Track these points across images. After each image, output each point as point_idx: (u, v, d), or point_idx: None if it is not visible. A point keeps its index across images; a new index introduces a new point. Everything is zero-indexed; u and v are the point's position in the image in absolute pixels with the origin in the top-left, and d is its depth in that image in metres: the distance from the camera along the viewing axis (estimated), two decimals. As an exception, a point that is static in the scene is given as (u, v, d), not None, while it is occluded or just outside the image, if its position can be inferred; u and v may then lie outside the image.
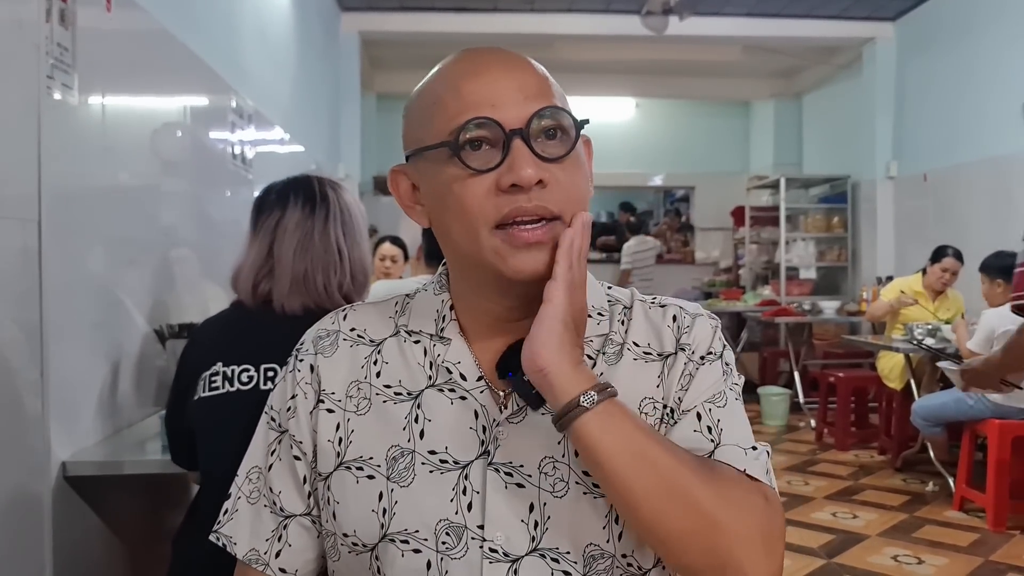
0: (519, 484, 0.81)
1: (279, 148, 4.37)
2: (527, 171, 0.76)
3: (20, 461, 1.69)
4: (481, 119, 0.78)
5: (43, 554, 1.75)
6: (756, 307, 7.29)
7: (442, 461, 0.83)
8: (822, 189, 8.13)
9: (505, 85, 0.80)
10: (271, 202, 1.69)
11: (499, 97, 0.79)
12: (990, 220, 5.67)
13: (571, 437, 0.76)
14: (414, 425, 0.85)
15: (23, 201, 1.70)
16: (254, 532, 0.91)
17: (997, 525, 3.89)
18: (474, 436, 0.83)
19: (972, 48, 5.90)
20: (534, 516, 0.81)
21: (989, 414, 4.03)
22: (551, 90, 0.82)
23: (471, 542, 0.81)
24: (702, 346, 0.89)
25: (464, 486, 0.82)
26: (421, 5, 6.56)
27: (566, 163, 0.80)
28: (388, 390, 0.87)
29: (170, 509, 2.20)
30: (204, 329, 1.74)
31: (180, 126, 2.75)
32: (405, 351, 0.88)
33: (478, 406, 0.84)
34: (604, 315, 0.90)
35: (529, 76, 0.82)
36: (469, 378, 0.85)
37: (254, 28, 3.90)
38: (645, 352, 0.88)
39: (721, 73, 8.66)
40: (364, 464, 0.85)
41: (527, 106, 0.79)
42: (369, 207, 7.71)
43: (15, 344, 1.67)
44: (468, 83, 0.80)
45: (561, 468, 0.82)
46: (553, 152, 0.79)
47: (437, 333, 0.88)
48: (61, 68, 1.84)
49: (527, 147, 0.78)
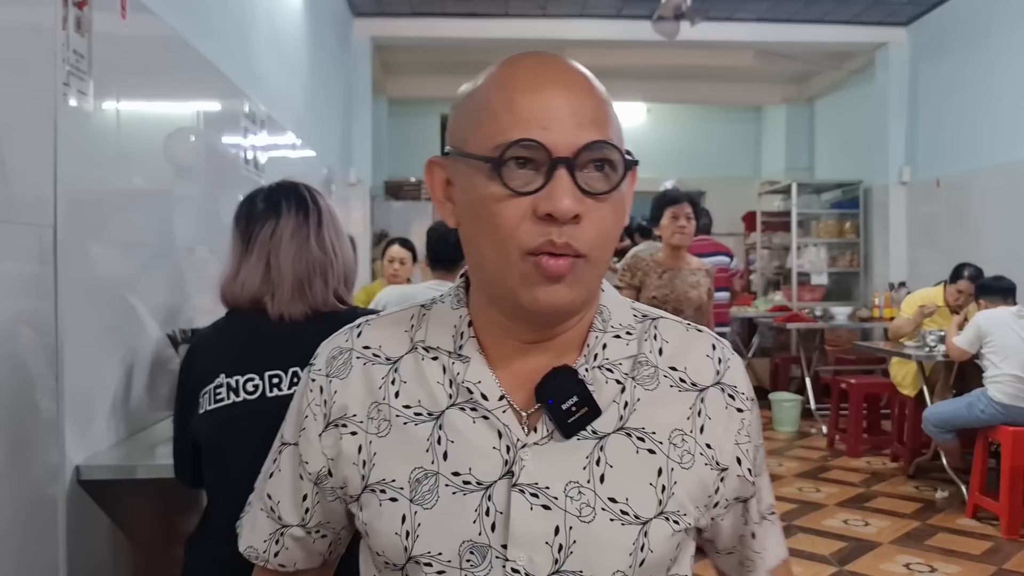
0: (545, 506, 0.80)
1: (291, 153, 4.38)
2: (565, 202, 0.74)
3: (35, 465, 1.70)
4: (529, 141, 0.75)
5: (57, 557, 1.76)
6: (768, 313, 7.26)
7: (465, 483, 0.82)
8: (834, 194, 8.10)
9: (560, 106, 0.76)
10: (261, 211, 1.66)
11: (551, 119, 0.76)
12: (1003, 226, 5.65)
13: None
14: (437, 447, 0.83)
15: (39, 206, 1.71)
16: (254, 531, 0.95)
17: (1011, 533, 3.86)
18: (498, 456, 0.82)
19: (985, 53, 5.88)
20: (559, 539, 0.80)
21: (1000, 419, 4.01)
22: (606, 118, 0.79)
23: (495, 561, 0.80)
24: (746, 389, 0.90)
25: (487, 507, 0.81)
26: (433, 10, 6.58)
27: (607, 200, 0.78)
28: (408, 411, 0.85)
29: (183, 513, 2.21)
30: (202, 342, 1.71)
31: (194, 131, 2.77)
32: (424, 369, 0.86)
33: (501, 426, 0.82)
34: (632, 334, 0.88)
35: (586, 100, 0.78)
36: (491, 398, 0.83)
37: (267, 34, 3.92)
38: (680, 379, 0.87)
39: (733, 78, 8.65)
40: (387, 487, 0.84)
41: (579, 134, 0.76)
42: (380, 211, 7.76)
43: (31, 348, 1.68)
44: (523, 97, 0.77)
45: (587, 493, 0.81)
46: (596, 187, 0.77)
47: (455, 351, 0.86)
48: (77, 74, 1.85)
49: (570, 178, 0.75)
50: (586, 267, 0.78)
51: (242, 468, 1.51)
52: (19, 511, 1.63)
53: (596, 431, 0.82)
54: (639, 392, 0.85)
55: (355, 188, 6.54)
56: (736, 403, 0.88)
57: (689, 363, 0.88)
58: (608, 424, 0.83)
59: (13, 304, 1.62)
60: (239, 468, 1.51)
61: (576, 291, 0.79)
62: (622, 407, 0.84)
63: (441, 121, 9.46)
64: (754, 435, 0.90)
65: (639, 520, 0.81)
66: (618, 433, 0.83)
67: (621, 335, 0.87)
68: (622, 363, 0.86)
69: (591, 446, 0.82)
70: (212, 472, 1.60)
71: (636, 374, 0.86)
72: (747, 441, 0.89)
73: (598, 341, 0.86)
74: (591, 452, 0.82)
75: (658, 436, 0.84)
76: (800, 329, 6.80)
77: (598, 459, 0.82)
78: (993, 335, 4.10)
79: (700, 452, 0.85)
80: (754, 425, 0.90)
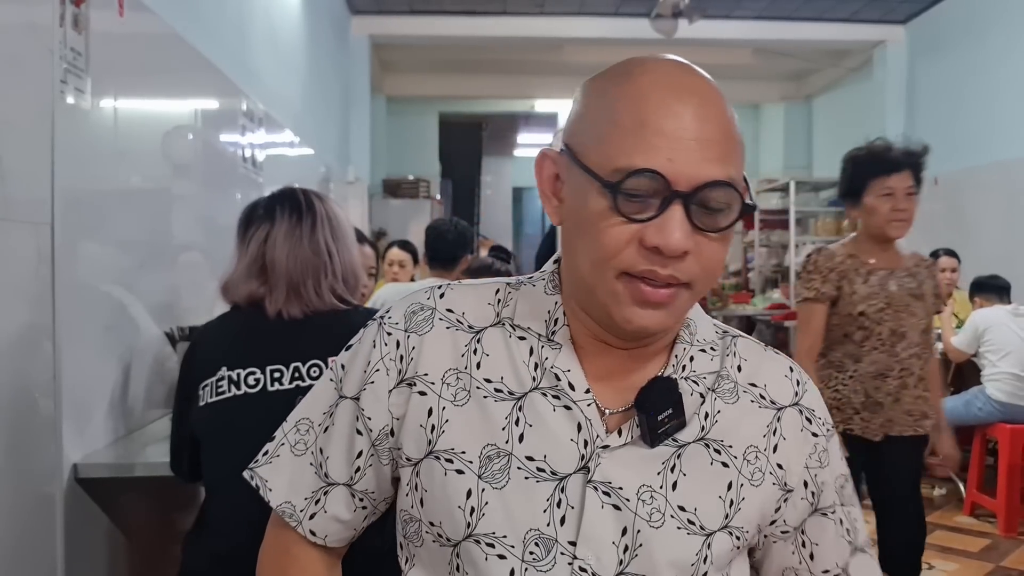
0: (616, 506, 0.80)
1: (289, 151, 4.38)
2: (675, 237, 0.72)
3: (33, 463, 1.70)
4: (651, 172, 0.72)
5: (55, 556, 1.76)
6: (766, 310, 7.27)
7: (539, 469, 0.80)
8: (832, 193, 8.09)
9: (689, 137, 0.73)
10: (259, 216, 1.71)
11: (678, 150, 0.73)
12: (1001, 224, 5.65)
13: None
14: (514, 428, 0.81)
15: (36, 204, 1.71)
16: (293, 485, 0.89)
17: (1008, 530, 3.87)
18: (574, 449, 0.80)
19: (983, 51, 5.88)
20: (626, 540, 0.79)
21: (998, 416, 4.02)
22: (734, 152, 0.76)
23: (560, 557, 0.79)
24: (824, 415, 0.90)
25: (560, 499, 0.79)
26: (431, 8, 6.57)
27: (717, 237, 0.76)
28: (489, 385, 0.83)
29: (180, 511, 2.21)
30: (205, 335, 1.74)
31: (191, 129, 2.76)
32: (511, 347, 0.85)
33: (582, 418, 0.81)
34: (716, 350, 0.88)
35: (717, 131, 0.75)
36: (577, 388, 0.82)
37: (264, 31, 3.91)
38: (761, 395, 0.87)
39: (731, 76, 8.63)
40: (455, 457, 0.82)
41: (702, 170, 0.73)
42: (378, 210, 7.76)
43: (28, 346, 1.68)
44: (653, 119, 0.73)
45: (658, 499, 0.81)
46: (709, 224, 0.75)
47: (547, 335, 0.84)
48: (74, 72, 1.85)
49: (684, 212, 0.73)
50: (688, 295, 0.78)
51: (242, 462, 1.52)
52: (17, 509, 1.63)
53: (676, 439, 0.82)
54: (719, 404, 0.85)
55: (353, 186, 6.54)
56: (812, 427, 0.88)
57: (768, 381, 0.88)
58: (689, 434, 0.83)
59: (11, 302, 1.62)
60: (238, 461, 1.51)
61: (674, 317, 0.79)
62: (703, 418, 0.84)
63: (439, 119, 9.46)
64: (833, 462, 0.89)
65: (704, 531, 0.81)
66: (697, 443, 0.83)
67: (706, 349, 0.87)
68: (706, 377, 0.86)
69: (669, 453, 0.82)
70: (211, 465, 1.61)
71: (718, 387, 0.86)
72: (818, 466, 0.88)
73: (685, 353, 0.85)
74: (668, 459, 0.82)
75: (734, 451, 0.84)
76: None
77: (673, 466, 0.82)
78: (991, 334, 4.10)
79: (770, 471, 0.85)
80: (833, 452, 0.89)
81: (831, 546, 0.90)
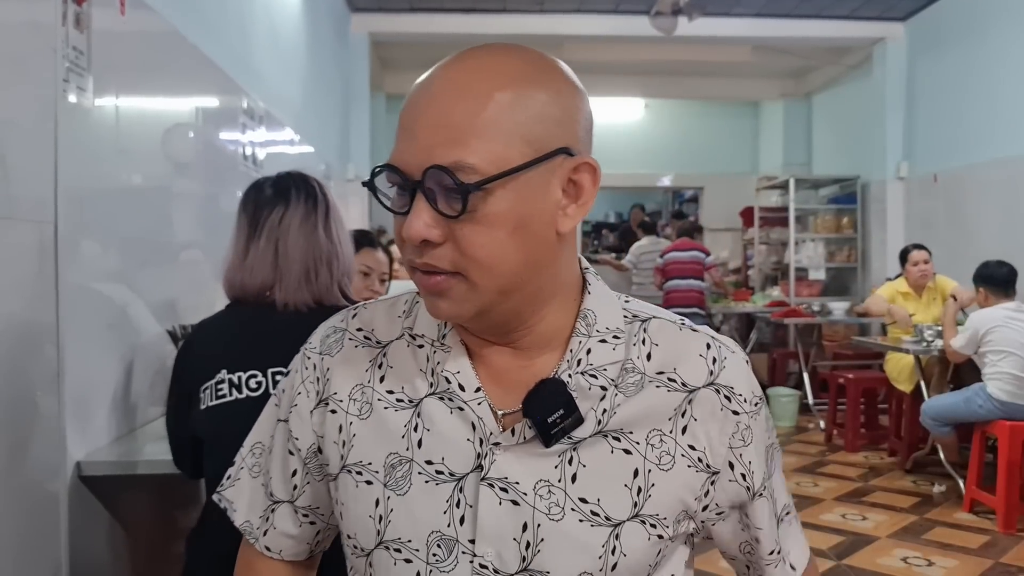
0: (514, 502, 0.79)
1: (289, 149, 4.38)
2: (412, 226, 0.74)
3: (36, 460, 1.70)
4: (388, 167, 0.76)
5: (59, 552, 1.77)
6: (765, 308, 7.27)
7: (438, 472, 0.81)
8: (832, 190, 8.11)
9: (419, 125, 0.74)
10: (269, 198, 1.65)
11: (407, 140, 0.75)
12: (1001, 221, 5.66)
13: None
14: (413, 434, 0.83)
15: (39, 203, 1.72)
16: (251, 505, 0.95)
17: (1007, 527, 3.87)
18: (470, 448, 0.81)
19: (983, 48, 5.88)
20: (527, 536, 0.79)
21: (999, 414, 4.02)
22: (468, 134, 0.72)
23: (461, 556, 0.80)
24: (745, 390, 0.85)
25: (459, 499, 0.80)
26: (430, 6, 6.57)
27: (471, 220, 0.73)
28: (390, 396, 0.86)
29: (183, 508, 2.22)
30: (202, 335, 1.69)
31: (192, 127, 2.77)
32: (409, 356, 0.87)
33: (475, 418, 0.81)
34: (620, 338, 0.83)
35: (444, 115, 0.73)
36: (467, 389, 0.82)
37: (265, 30, 3.91)
38: (670, 379, 0.83)
39: (730, 73, 8.64)
40: (363, 469, 0.85)
41: (430, 155, 0.72)
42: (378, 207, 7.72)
43: (32, 344, 1.68)
44: (402, 115, 0.76)
45: (557, 493, 0.80)
46: (450, 209, 0.73)
47: (439, 339, 0.85)
48: (76, 71, 1.86)
49: (425, 201, 0.74)
50: (465, 286, 0.76)
51: None
52: (21, 507, 1.63)
53: (572, 436, 0.80)
54: (620, 399, 0.82)
55: (353, 184, 6.54)
56: (732, 405, 0.84)
57: (680, 364, 0.84)
58: (586, 430, 0.80)
59: (14, 300, 1.62)
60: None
61: (460, 306, 0.77)
62: (600, 413, 0.81)
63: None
64: (758, 437, 0.85)
65: (610, 522, 0.80)
66: (595, 436, 0.81)
67: (608, 339, 0.83)
68: (607, 368, 0.82)
69: (564, 447, 0.80)
70: (213, 466, 1.59)
71: (620, 381, 0.82)
72: (742, 444, 0.84)
73: (581, 346, 0.82)
74: (563, 452, 0.80)
75: (635, 436, 0.81)
76: (798, 324, 6.81)
77: (570, 458, 0.80)
78: (991, 335, 4.09)
79: (682, 453, 0.82)
80: (757, 427, 0.85)
81: (769, 527, 0.88)
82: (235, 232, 1.67)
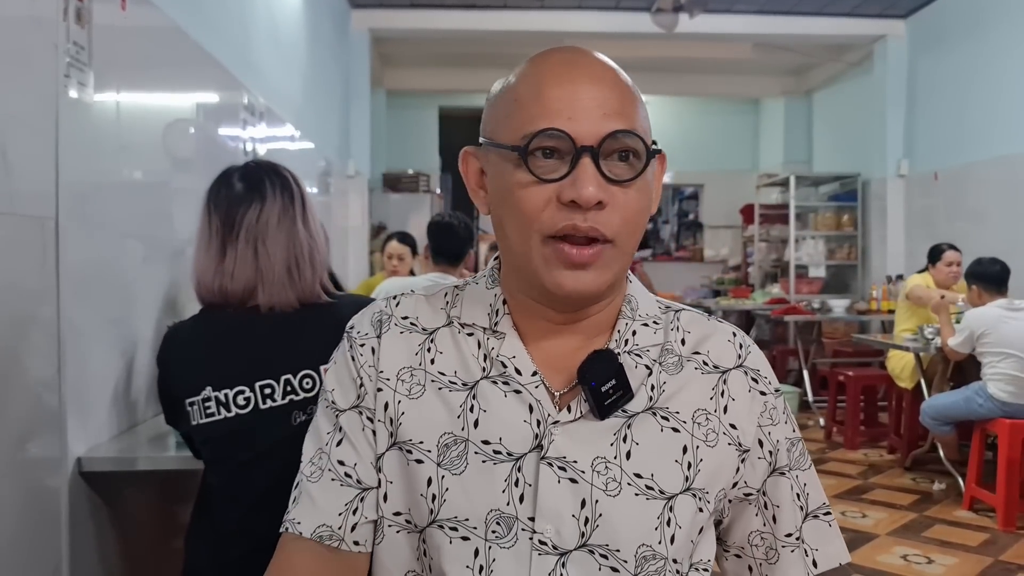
0: (572, 479, 0.82)
1: (290, 145, 4.38)
2: (588, 190, 0.77)
3: (37, 457, 1.70)
4: (554, 130, 0.78)
5: (60, 549, 1.76)
6: (765, 305, 7.28)
7: (495, 452, 0.83)
8: (832, 187, 8.11)
9: (586, 97, 0.79)
10: (242, 194, 1.55)
11: (577, 110, 0.79)
12: (1001, 219, 5.66)
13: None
14: (468, 414, 0.85)
15: (41, 198, 1.71)
16: (324, 509, 0.87)
17: (1007, 525, 3.88)
18: (528, 430, 0.84)
19: (984, 45, 5.88)
20: (585, 512, 0.82)
21: (999, 413, 4.02)
22: (633, 108, 0.82)
23: (521, 533, 0.81)
24: (768, 375, 0.93)
25: (516, 478, 0.82)
26: (431, 2, 6.57)
27: (631, 186, 0.80)
28: (443, 377, 0.87)
29: (184, 505, 2.21)
30: (177, 352, 1.57)
31: (193, 123, 2.76)
32: (460, 343, 0.89)
33: (533, 400, 0.85)
34: (659, 323, 0.91)
35: (612, 91, 0.81)
36: (524, 372, 0.86)
37: (266, 25, 3.91)
38: (704, 362, 0.91)
39: (731, 70, 8.64)
40: (414, 448, 0.85)
41: (603, 124, 0.79)
42: (378, 204, 7.76)
43: (32, 340, 1.68)
44: (550, 89, 0.80)
45: (613, 469, 0.83)
46: (620, 174, 0.79)
47: (491, 327, 0.88)
48: (77, 66, 1.85)
49: (594, 166, 0.78)
50: (613, 252, 0.81)
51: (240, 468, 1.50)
52: (22, 502, 1.63)
53: (626, 411, 0.85)
54: (665, 377, 0.88)
55: (353, 180, 6.54)
56: (760, 386, 0.91)
57: (711, 347, 0.91)
58: (637, 405, 0.86)
59: (15, 296, 1.62)
60: (236, 467, 1.50)
61: (603, 276, 0.82)
62: (650, 389, 0.87)
63: (439, 113, 9.45)
64: (781, 419, 0.92)
65: (664, 495, 0.84)
66: (646, 413, 0.86)
67: (649, 324, 0.90)
68: (650, 350, 0.89)
69: (619, 424, 0.85)
70: (211, 469, 1.56)
71: (662, 360, 0.89)
72: (770, 423, 0.90)
73: (628, 328, 0.89)
74: (619, 430, 0.84)
75: (682, 416, 0.87)
76: (798, 321, 6.82)
77: (625, 436, 0.84)
78: (988, 337, 4.07)
79: (724, 432, 0.88)
80: (780, 409, 0.92)
81: (789, 508, 0.91)
82: (204, 231, 1.56)
